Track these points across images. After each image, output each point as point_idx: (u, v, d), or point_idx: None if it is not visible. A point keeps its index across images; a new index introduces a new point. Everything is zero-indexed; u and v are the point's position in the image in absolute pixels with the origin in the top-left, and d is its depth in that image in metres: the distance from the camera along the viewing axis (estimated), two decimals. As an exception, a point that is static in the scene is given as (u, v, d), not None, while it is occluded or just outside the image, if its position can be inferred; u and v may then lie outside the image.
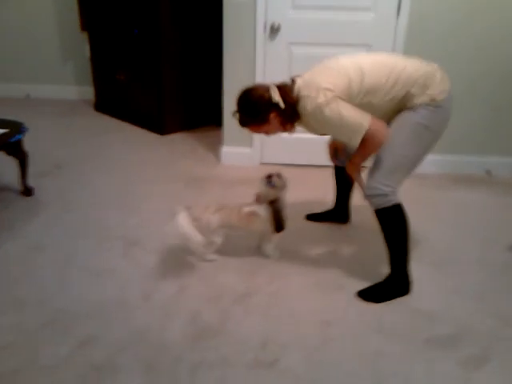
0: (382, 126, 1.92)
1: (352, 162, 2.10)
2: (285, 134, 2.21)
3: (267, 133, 2.12)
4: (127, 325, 1.90)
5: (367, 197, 2.00)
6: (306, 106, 1.94)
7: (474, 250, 2.50)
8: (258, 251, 2.40)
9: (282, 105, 1.97)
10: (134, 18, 3.98)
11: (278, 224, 2.23)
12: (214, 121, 4.23)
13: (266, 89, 2.01)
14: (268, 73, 3.28)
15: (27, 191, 2.90)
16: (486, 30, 3.13)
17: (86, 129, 4.23)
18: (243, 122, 2.06)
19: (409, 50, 3.10)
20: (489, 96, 3.30)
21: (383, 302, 2.06)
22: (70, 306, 2.00)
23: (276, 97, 1.97)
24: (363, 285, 2.14)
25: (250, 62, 3.27)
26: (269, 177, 2.24)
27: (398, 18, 3.09)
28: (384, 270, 2.16)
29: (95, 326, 1.88)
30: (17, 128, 2.75)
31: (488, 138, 3.42)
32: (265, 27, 3.17)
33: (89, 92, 4.86)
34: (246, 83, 3.17)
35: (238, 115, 2.06)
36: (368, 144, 1.93)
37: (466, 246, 2.54)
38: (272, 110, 1.99)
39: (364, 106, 1.93)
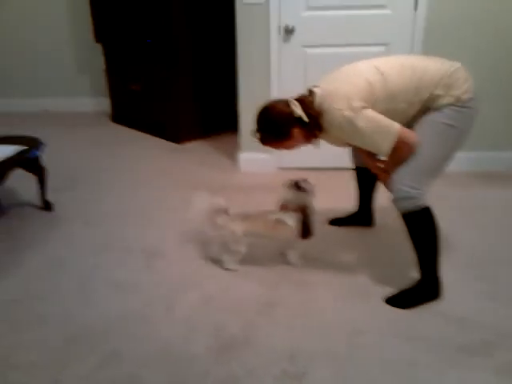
0: (411, 132, 1.87)
1: (387, 169, 2.04)
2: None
3: (289, 148, 2.07)
4: (151, 339, 1.86)
5: (394, 200, 1.93)
6: (332, 118, 1.88)
7: (505, 251, 2.41)
8: (281, 259, 2.34)
9: (305, 118, 1.92)
10: (147, 27, 3.97)
11: (306, 230, 2.18)
12: (230, 126, 4.18)
13: (286, 103, 1.96)
14: (283, 76, 3.23)
15: (47, 206, 2.89)
16: (508, 25, 3.02)
17: (103, 140, 4.24)
18: (265, 140, 2.02)
19: (428, 48, 3.03)
20: (510, 90, 3.20)
21: (413, 307, 1.98)
22: (93, 321, 1.97)
23: (298, 111, 1.92)
24: (391, 291, 2.07)
25: (265, 65, 3.22)
26: (296, 183, 2.21)
27: (415, 14, 3.01)
28: (412, 274, 2.09)
29: (119, 342, 1.85)
30: (35, 144, 2.75)
31: (507, 133, 3.31)
32: (279, 30, 3.13)
33: (105, 103, 4.88)
34: (261, 87, 3.21)
35: (258, 134, 2.01)
36: (399, 151, 1.87)
37: (496, 247, 2.44)
38: (295, 125, 1.94)
39: (389, 112, 1.87)
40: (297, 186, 2.21)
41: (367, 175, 2.32)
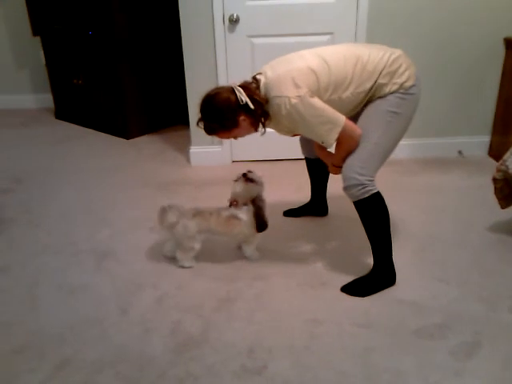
0: (355, 125, 1.90)
1: (334, 164, 2.05)
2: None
3: (236, 136, 2.02)
4: (105, 343, 1.80)
5: (345, 188, 1.94)
6: (280, 106, 1.85)
7: (454, 234, 2.48)
8: (237, 253, 2.32)
9: (251, 105, 1.87)
10: (88, 18, 3.83)
11: (261, 223, 2.15)
12: (181, 120, 4.11)
13: (230, 90, 1.89)
14: (230, 66, 3.19)
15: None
16: (449, 12, 3.10)
17: (48, 138, 4.07)
18: (211, 130, 1.95)
19: (371, 36, 3.07)
20: (455, 77, 3.29)
21: (369, 295, 2.01)
22: (42, 328, 1.88)
23: (243, 97, 1.86)
24: (347, 279, 2.09)
25: (211, 56, 3.17)
26: (243, 175, 2.17)
27: (358, 2, 3.03)
28: (367, 261, 2.11)
29: (71, 348, 1.78)
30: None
31: (457, 119, 3.41)
32: (223, 20, 3.08)
33: (48, 100, 4.68)
34: (208, 79, 3.15)
35: (203, 123, 1.94)
36: (346, 142, 1.89)
37: (445, 230, 2.51)
38: (240, 112, 1.88)
39: (334, 101, 1.87)
40: (244, 178, 2.17)
41: (319, 165, 2.33)
